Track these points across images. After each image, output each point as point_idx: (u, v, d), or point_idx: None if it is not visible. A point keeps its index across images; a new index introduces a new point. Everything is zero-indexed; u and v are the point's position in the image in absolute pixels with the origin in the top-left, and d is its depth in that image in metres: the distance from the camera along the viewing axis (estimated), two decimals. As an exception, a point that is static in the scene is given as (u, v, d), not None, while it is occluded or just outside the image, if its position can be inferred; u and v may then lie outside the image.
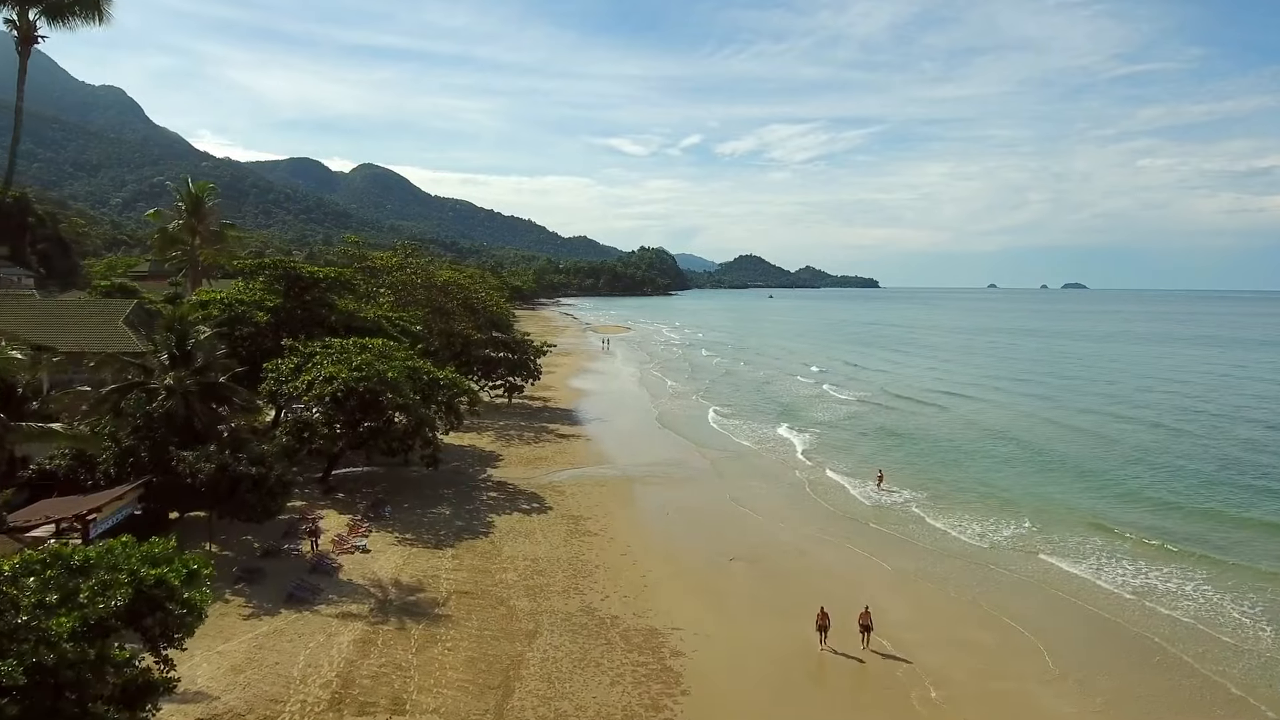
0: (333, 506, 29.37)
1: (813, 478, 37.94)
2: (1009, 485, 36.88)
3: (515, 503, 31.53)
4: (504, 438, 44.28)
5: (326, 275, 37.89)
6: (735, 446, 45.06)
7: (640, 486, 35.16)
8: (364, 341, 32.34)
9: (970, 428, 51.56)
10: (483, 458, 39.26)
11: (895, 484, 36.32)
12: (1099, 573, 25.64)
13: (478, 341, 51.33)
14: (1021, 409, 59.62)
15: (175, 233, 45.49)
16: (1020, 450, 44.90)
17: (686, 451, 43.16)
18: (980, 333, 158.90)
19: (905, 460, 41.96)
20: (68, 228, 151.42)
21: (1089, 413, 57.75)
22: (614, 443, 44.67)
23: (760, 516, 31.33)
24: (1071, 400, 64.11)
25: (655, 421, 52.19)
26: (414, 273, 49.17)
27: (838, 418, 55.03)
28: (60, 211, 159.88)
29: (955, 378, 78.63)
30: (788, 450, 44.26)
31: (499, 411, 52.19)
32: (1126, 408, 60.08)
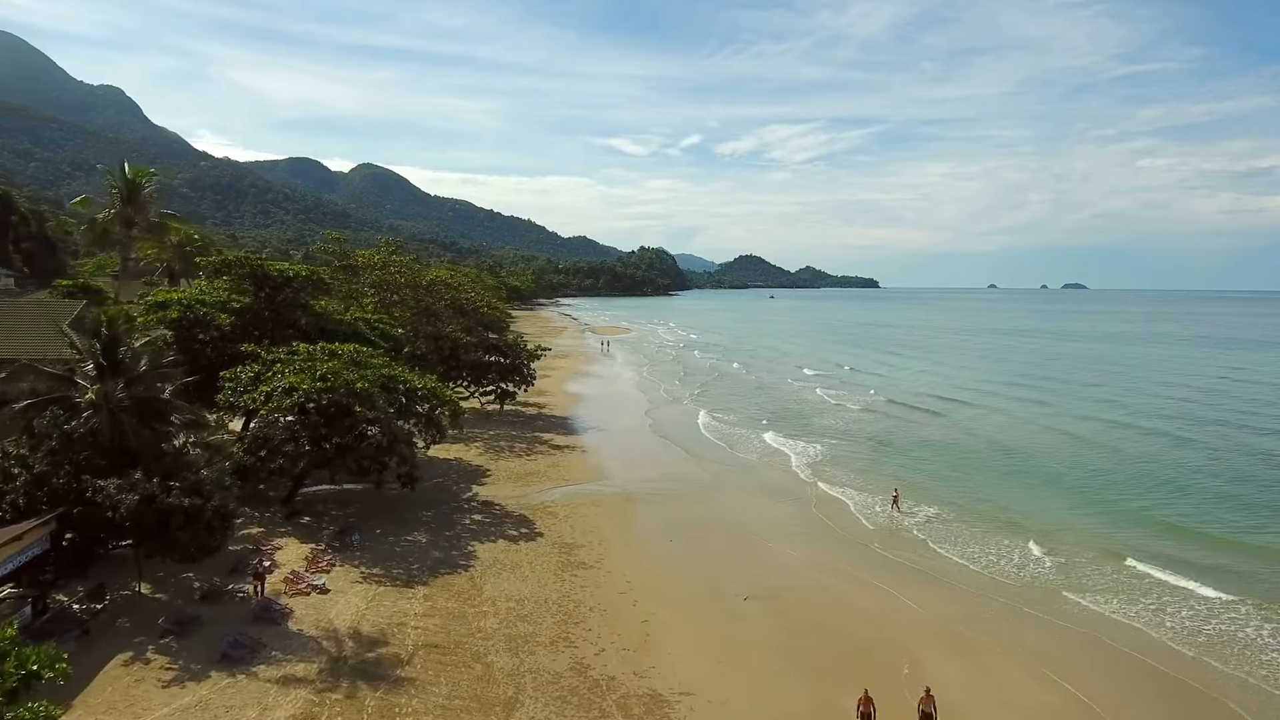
0: (295, 533, 26.05)
1: (823, 494, 34.68)
2: (1034, 505, 33.65)
3: (501, 528, 28.21)
4: (494, 449, 40.95)
5: (297, 274, 34.56)
6: (740, 458, 41.78)
7: (640, 507, 31.85)
8: (334, 347, 29.06)
9: (980, 438, 48.34)
10: (469, 473, 35.94)
11: (911, 501, 33.14)
12: (1144, 615, 22.45)
13: (467, 345, 48.04)
14: (1031, 415, 56.67)
15: (105, 223, 39.92)
16: (1035, 462, 41.92)
17: (689, 464, 39.87)
18: (983, 334, 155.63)
19: (918, 473, 38.68)
20: (56, 227, 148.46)
21: (1094, 420, 54.76)
22: (611, 455, 41.36)
23: (772, 543, 28.03)
24: (1079, 406, 60.94)
25: (655, 430, 48.86)
26: (398, 272, 45.87)
27: (844, 426, 51.70)
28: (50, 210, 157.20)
29: (961, 382, 75.36)
30: (795, 462, 40.93)
31: (489, 420, 48.89)
32: (1134, 415, 56.80)
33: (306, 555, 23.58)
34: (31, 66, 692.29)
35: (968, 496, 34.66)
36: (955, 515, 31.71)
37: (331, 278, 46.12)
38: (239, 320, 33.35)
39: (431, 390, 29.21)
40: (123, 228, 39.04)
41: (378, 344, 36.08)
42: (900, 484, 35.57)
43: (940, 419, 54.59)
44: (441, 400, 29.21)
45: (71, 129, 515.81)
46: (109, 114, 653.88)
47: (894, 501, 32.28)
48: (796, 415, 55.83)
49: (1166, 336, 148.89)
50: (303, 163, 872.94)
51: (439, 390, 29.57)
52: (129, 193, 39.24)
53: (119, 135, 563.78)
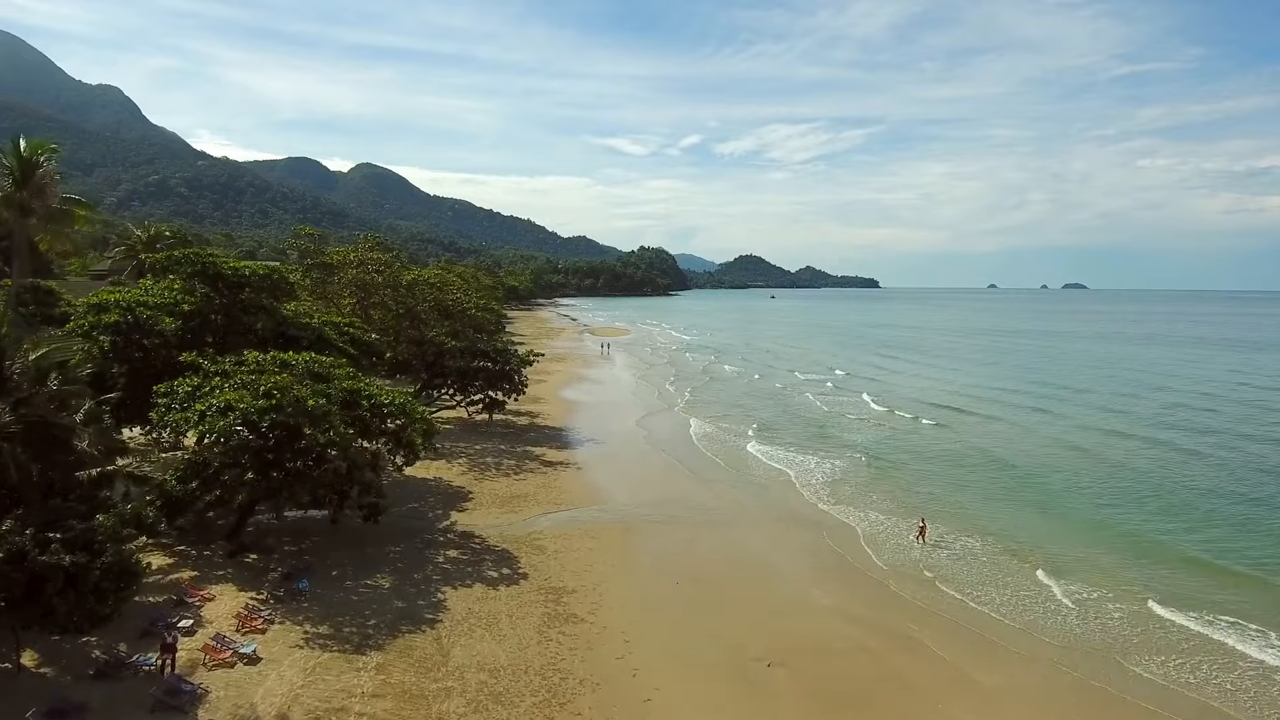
0: (235, 576, 22.14)
1: (837, 521, 30.76)
2: (1052, 535, 29.91)
3: (480, 567, 24.30)
4: (478, 467, 37.03)
5: (255, 273, 30.64)
6: (747, 476, 37.88)
7: (640, 538, 27.93)
8: (287, 357, 25.14)
9: (990, 452, 44.32)
10: (448, 496, 32.01)
11: (939, 528, 29.37)
12: (1204, 684, 18.71)
13: (452, 350, 44.11)
14: (1039, 425, 53.28)
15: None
16: (1047, 482, 38.26)
17: (692, 484, 35.94)
18: (989, 335, 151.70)
19: (932, 494, 34.79)
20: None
21: (1106, 431, 50.94)
22: (608, 473, 37.44)
23: (793, 586, 24.18)
24: (1091, 416, 56.76)
25: (656, 444, 44.90)
26: (375, 270, 41.96)
27: (860, 437, 47.77)
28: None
29: (969, 387, 71.61)
30: (805, 481, 37.05)
31: (477, 432, 44.97)
32: (1148, 426, 52.84)
33: (239, 610, 19.63)
34: (29, 66, 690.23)
35: (986, 524, 30.84)
36: (979, 547, 28.06)
37: (304, 277, 42.33)
38: (186, 325, 29.47)
39: (401, 406, 25.29)
40: (17, 214, 32.70)
41: (347, 351, 32.22)
42: (914, 504, 32.11)
43: (948, 429, 50.71)
44: (412, 418, 25.29)
45: (69, 128, 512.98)
46: (107, 113, 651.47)
47: (920, 533, 28.37)
48: (803, 425, 51.95)
49: (1175, 338, 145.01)
50: (302, 162, 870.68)
51: (410, 406, 25.66)
52: (23, 173, 32.98)
53: (116, 135, 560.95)
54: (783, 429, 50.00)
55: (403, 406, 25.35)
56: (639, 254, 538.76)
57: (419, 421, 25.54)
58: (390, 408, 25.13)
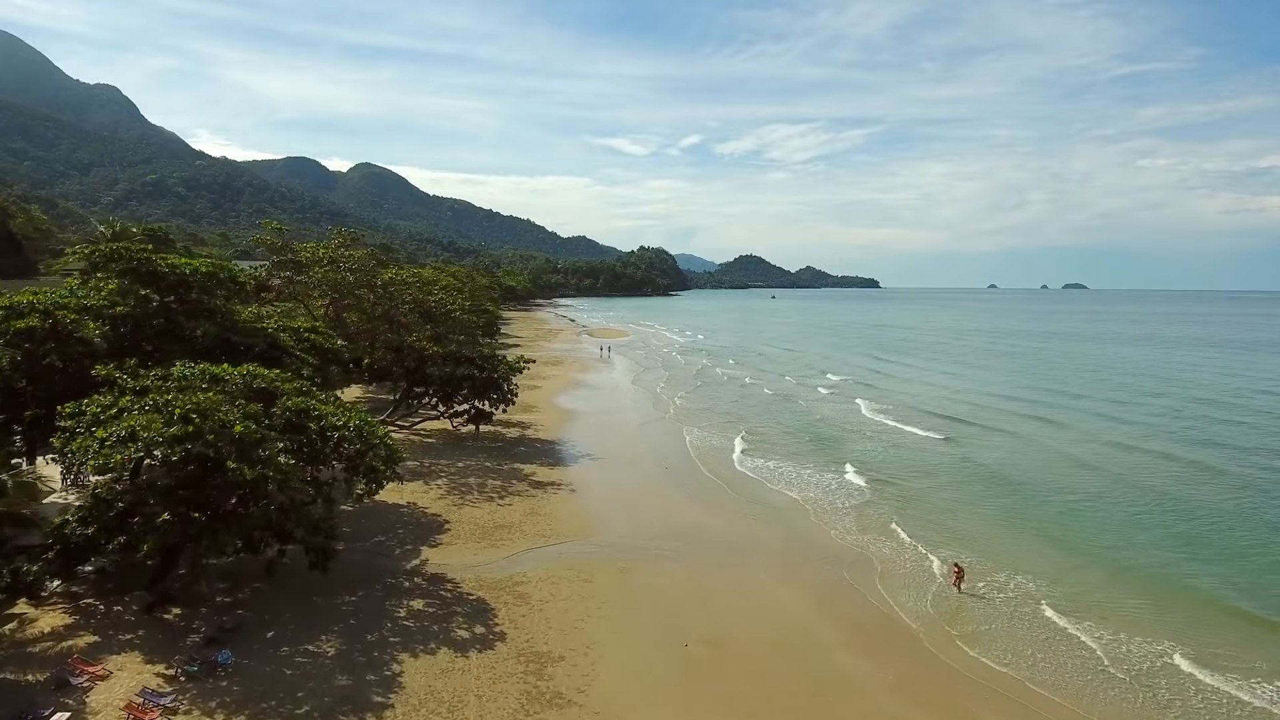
0: (145, 642, 18.08)
1: (866, 555, 26.67)
2: (1077, 574, 25.93)
3: (449, 623, 20.22)
4: (459, 489, 32.93)
5: (196, 270, 26.53)
6: (757, 500, 33.71)
7: (639, 582, 23.82)
8: (220, 371, 21.06)
9: (1009, 471, 40.22)
10: (420, 527, 27.91)
11: (976, 567, 25.38)
12: None
13: (434, 357, 40.04)
14: (1052, 437, 48.61)
15: None
16: (1065, 508, 33.73)
17: (700, 510, 31.84)
18: (996, 336, 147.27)
19: (957, 523, 30.61)
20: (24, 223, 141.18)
21: (1125, 447, 46.06)
22: (606, 496, 33.33)
23: (826, 651, 20.01)
24: (1105, 428, 52.18)
25: (658, 459, 40.80)
26: (348, 269, 37.85)
27: (865, 453, 43.48)
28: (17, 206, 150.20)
29: (983, 394, 67.22)
30: (819, 505, 32.96)
31: (461, 446, 40.89)
32: (1171, 441, 48.04)
33: (132, 699, 15.56)
34: (27, 65, 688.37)
35: (1015, 563, 26.61)
36: (1013, 597, 23.82)
37: (270, 276, 38.30)
38: (116, 331, 25.41)
39: (358, 429, 21.21)
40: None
41: (305, 360, 28.15)
42: (930, 535, 28.18)
43: (955, 443, 46.43)
44: (370, 443, 21.21)
45: (67, 128, 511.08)
46: (105, 113, 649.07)
47: (956, 578, 24.22)
48: (813, 436, 47.82)
49: (1184, 339, 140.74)
50: (301, 162, 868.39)
51: (368, 428, 21.59)
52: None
53: (114, 134, 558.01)
54: (788, 444, 45.81)
55: (359, 429, 21.25)
56: (639, 254, 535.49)
57: (379, 447, 21.44)
58: (344, 431, 21.04)
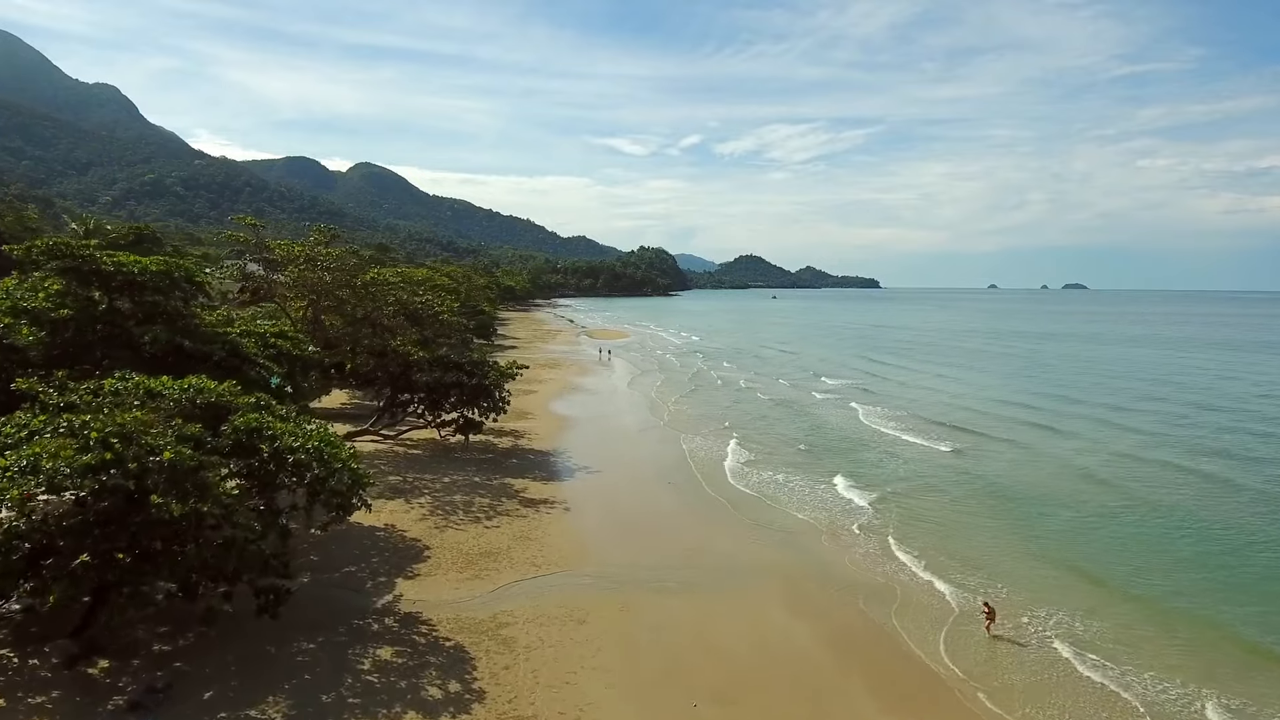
0: (59, 707, 15.37)
1: (888, 589, 23.79)
2: (1108, 614, 22.77)
3: (419, 678, 17.47)
4: (443, 508, 30.18)
5: (145, 269, 23.79)
6: (767, 517, 30.89)
7: (640, 621, 21.04)
8: (158, 384, 18.34)
9: (1042, 478, 37.58)
10: (397, 554, 25.16)
11: (999, 603, 22.66)
12: None
13: (420, 362, 37.31)
14: (1070, 449, 45.18)
15: None
16: (1089, 537, 30.55)
17: (705, 532, 29.07)
18: (1003, 338, 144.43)
19: (977, 554, 27.67)
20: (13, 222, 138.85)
21: (1148, 461, 42.43)
22: (604, 515, 30.57)
23: (850, 712, 17.30)
24: (1121, 439, 48.67)
25: (661, 472, 38.08)
26: (325, 268, 35.07)
27: (882, 463, 40.56)
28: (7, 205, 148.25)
29: (994, 400, 64.12)
30: (833, 523, 30.19)
31: (449, 458, 38.15)
32: (1204, 456, 43.95)
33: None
34: (26, 64, 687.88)
35: (1042, 597, 23.64)
36: (1047, 634, 21.03)
37: (243, 275, 35.58)
38: (54, 338, 22.69)
39: (317, 451, 18.47)
40: None
41: (270, 369, 25.42)
42: (949, 563, 25.49)
43: (967, 455, 43.54)
44: (331, 467, 18.46)
45: (65, 127, 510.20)
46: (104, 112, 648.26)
47: (987, 620, 21.42)
48: (815, 446, 45.01)
49: (1197, 341, 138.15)
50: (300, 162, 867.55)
51: (330, 450, 18.85)
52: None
53: (113, 134, 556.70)
54: (791, 456, 42.89)
55: (319, 451, 18.50)
56: (639, 254, 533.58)
57: (341, 472, 18.68)
58: (301, 454, 18.28)
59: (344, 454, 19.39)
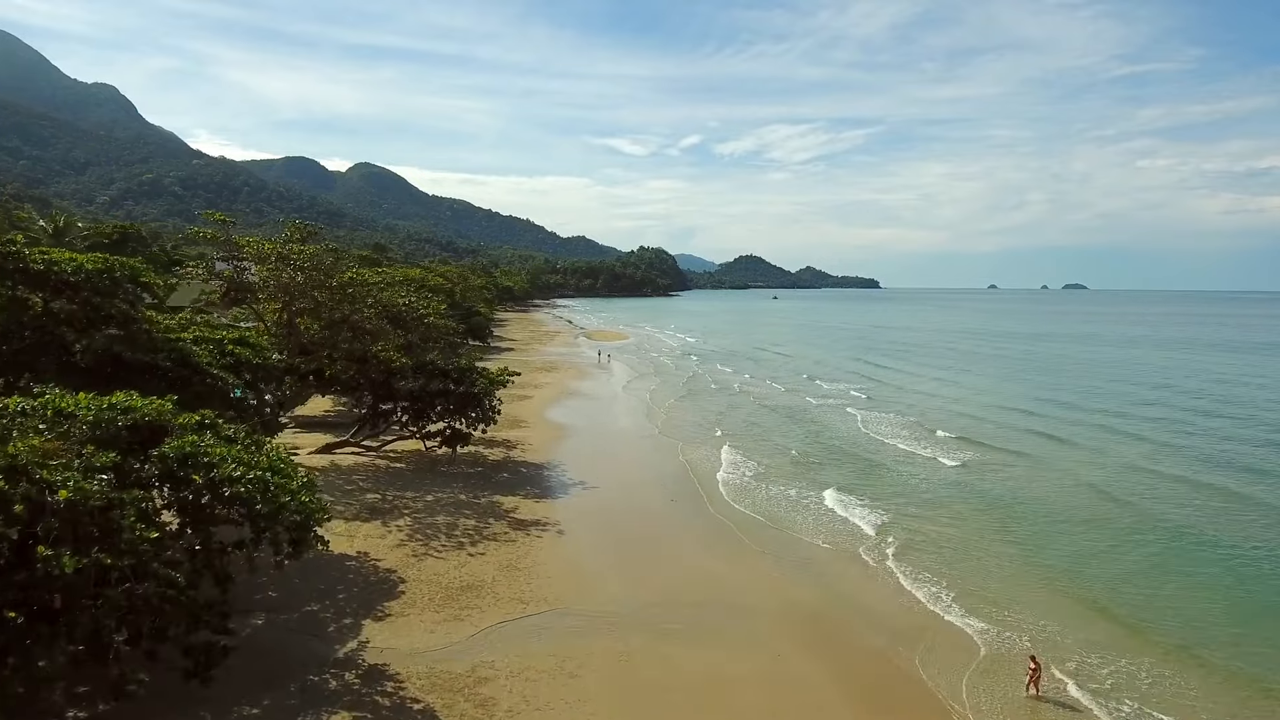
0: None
1: (912, 631, 21.04)
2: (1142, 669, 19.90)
3: (378, 754, 14.73)
4: (424, 532, 27.40)
5: (80, 267, 20.99)
6: (776, 542, 28.13)
7: (643, 678, 18.19)
8: (69, 404, 15.55)
9: (1055, 495, 34.84)
10: (366, 589, 22.36)
11: (1025, 652, 19.86)
12: None
13: (403, 369, 34.55)
14: (1108, 455, 42.74)
15: None
16: (1117, 571, 27.94)
17: (709, 557, 26.31)
18: (1011, 339, 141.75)
19: (999, 577, 25.11)
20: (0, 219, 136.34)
21: (1185, 481, 39.35)
22: (599, 540, 27.77)
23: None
24: (1150, 445, 46.12)
25: (664, 489, 35.32)
26: (298, 267, 32.25)
27: (900, 479, 37.74)
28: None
29: (1008, 406, 61.34)
30: (853, 552, 27.36)
31: (435, 473, 35.38)
32: (1230, 468, 41.37)
33: None
34: (24, 64, 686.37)
35: (1070, 640, 21.08)
36: (1088, 693, 18.22)
37: (208, 276, 32.84)
38: (-25, 345, 19.92)
39: (260, 483, 15.67)
40: None
41: (225, 381, 22.64)
42: (959, 585, 22.73)
43: (977, 467, 40.89)
44: (276, 504, 15.66)
45: (63, 127, 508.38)
46: (102, 112, 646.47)
47: (1031, 679, 18.56)
48: (827, 458, 42.31)
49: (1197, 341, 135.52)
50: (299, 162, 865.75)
51: (280, 482, 16.05)
52: None
53: (111, 133, 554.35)
54: (799, 471, 40.05)
55: (262, 483, 15.69)
56: (639, 254, 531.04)
57: (287, 508, 15.87)
58: (242, 485, 15.48)
59: (295, 484, 16.58)
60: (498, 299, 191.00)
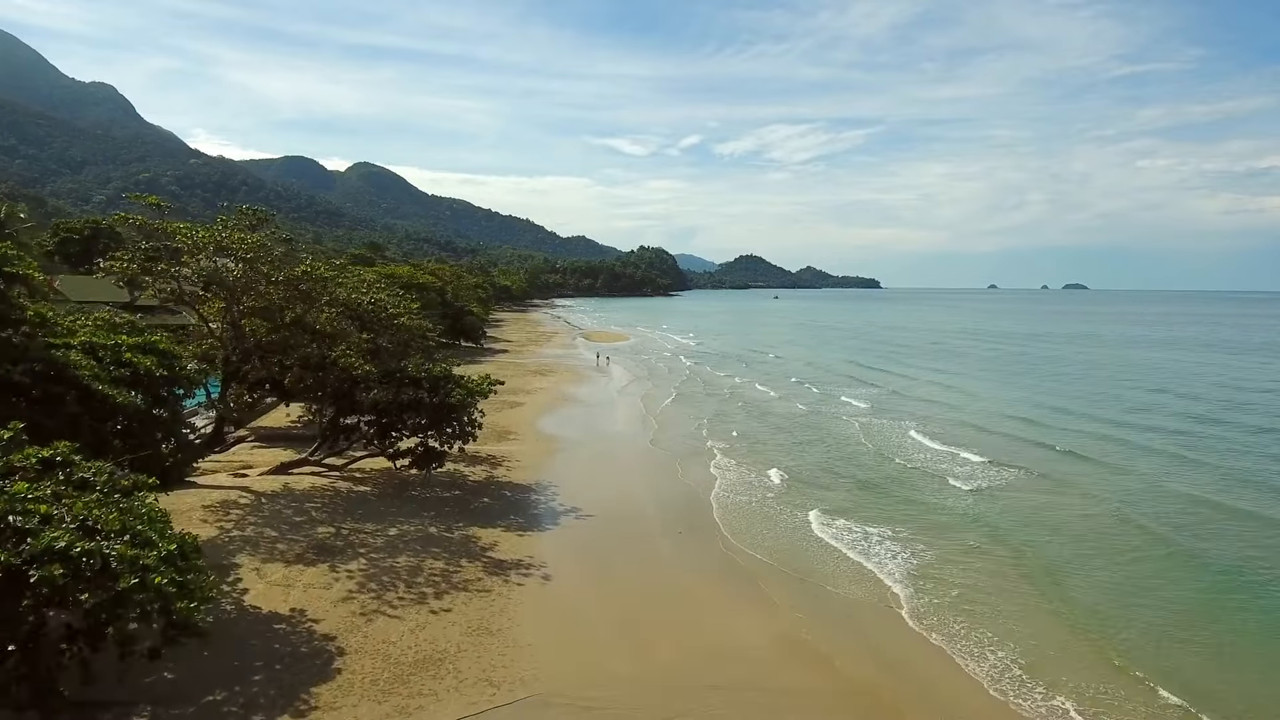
0: None
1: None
2: None
3: None
4: (380, 578, 22.45)
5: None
6: (814, 595, 23.21)
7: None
8: None
9: (1102, 526, 29.85)
10: (293, 666, 17.40)
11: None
12: None
13: (368, 377, 29.68)
14: (1148, 479, 37.55)
15: None
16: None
17: (738, 612, 21.38)
18: (1018, 339, 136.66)
19: (1072, 648, 20.24)
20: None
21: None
22: (595, 590, 22.79)
23: None
24: (1196, 468, 40.34)
25: (668, 519, 30.40)
26: (240, 259, 27.21)
27: (918, 509, 32.38)
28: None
29: (1013, 412, 56.21)
30: (888, 608, 22.40)
31: (404, 497, 30.47)
32: None
33: None
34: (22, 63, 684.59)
35: None
36: None
37: (131, 264, 27.98)
38: None
39: (99, 557, 10.78)
40: None
41: (112, 400, 17.76)
42: (1008, 651, 17.63)
43: (998, 493, 35.90)
44: (124, 587, 10.77)
45: (60, 126, 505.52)
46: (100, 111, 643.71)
47: None
48: (853, 473, 37.46)
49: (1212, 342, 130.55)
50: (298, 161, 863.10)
51: (140, 553, 11.15)
52: None
53: (108, 132, 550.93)
54: (812, 491, 35.34)
55: (99, 559, 10.78)
56: (638, 254, 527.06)
57: (132, 596, 10.97)
58: (60, 568, 10.55)
59: (153, 557, 11.67)
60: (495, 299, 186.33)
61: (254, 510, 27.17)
